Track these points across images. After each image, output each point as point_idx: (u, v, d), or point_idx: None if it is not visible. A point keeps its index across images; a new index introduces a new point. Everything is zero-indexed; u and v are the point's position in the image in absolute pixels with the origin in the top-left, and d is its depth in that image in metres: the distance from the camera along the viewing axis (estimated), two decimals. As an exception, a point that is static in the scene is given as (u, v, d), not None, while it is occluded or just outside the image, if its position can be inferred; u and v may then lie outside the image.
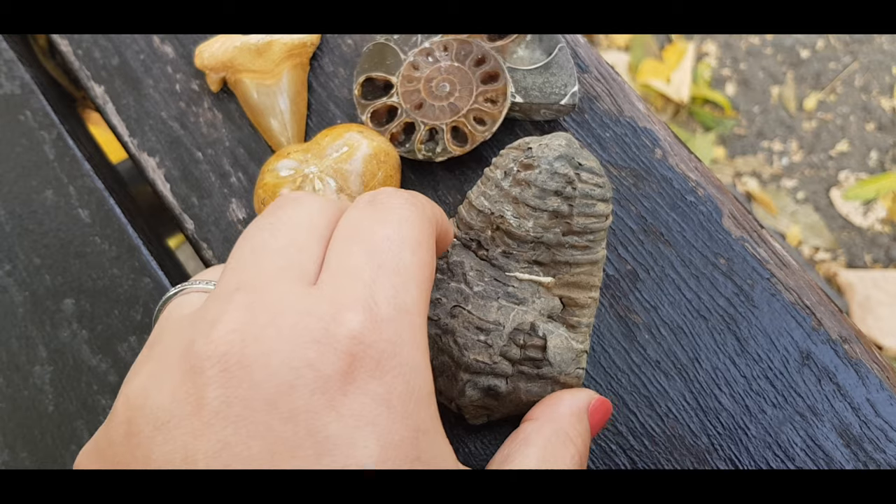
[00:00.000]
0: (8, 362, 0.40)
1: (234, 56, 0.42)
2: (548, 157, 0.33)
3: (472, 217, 0.34)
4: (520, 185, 0.33)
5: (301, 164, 0.39)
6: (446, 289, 0.34)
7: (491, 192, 0.34)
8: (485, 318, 0.33)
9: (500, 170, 0.34)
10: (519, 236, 0.33)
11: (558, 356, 0.34)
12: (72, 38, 0.45)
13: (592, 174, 0.34)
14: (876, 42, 1.35)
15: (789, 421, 0.37)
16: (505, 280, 0.34)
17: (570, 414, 0.32)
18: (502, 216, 0.33)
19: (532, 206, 0.33)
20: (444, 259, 0.34)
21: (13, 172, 0.43)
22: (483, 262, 0.34)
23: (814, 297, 0.38)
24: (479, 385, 0.34)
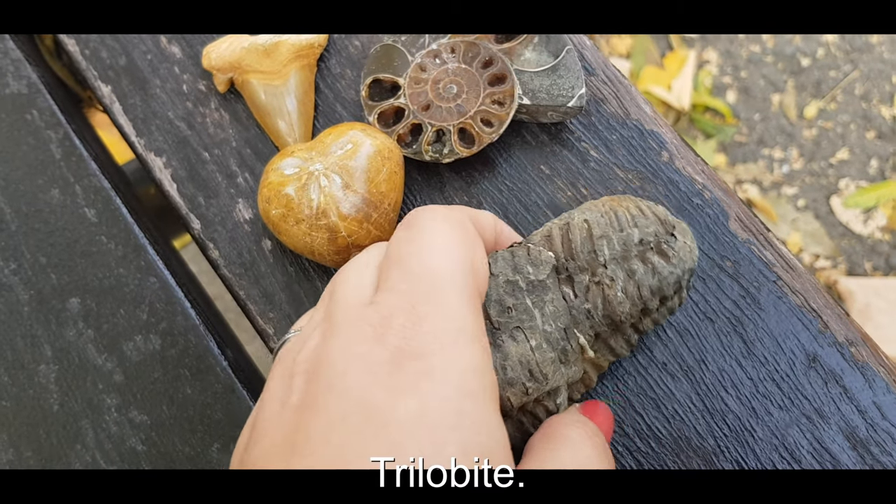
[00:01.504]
0: (13, 361, 0.40)
1: (242, 57, 0.42)
2: (685, 264, 0.32)
3: (584, 252, 0.32)
4: (646, 264, 0.32)
5: (305, 162, 0.39)
6: (521, 301, 0.31)
7: (616, 246, 0.32)
8: (541, 365, 0.31)
9: (637, 230, 0.32)
10: (614, 312, 0.31)
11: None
12: (79, 38, 0.45)
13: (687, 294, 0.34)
14: (876, 51, 1.36)
15: (796, 423, 0.37)
16: (571, 336, 0.32)
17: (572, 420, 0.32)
18: (613, 280, 0.31)
19: (642, 295, 0.31)
20: (534, 270, 0.32)
21: (20, 171, 0.43)
22: (564, 304, 0.32)
23: (820, 300, 0.38)
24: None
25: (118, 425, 0.39)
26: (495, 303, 0.31)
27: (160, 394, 0.39)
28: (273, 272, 0.41)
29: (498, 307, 0.31)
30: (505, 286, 0.31)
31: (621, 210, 0.32)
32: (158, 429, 0.39)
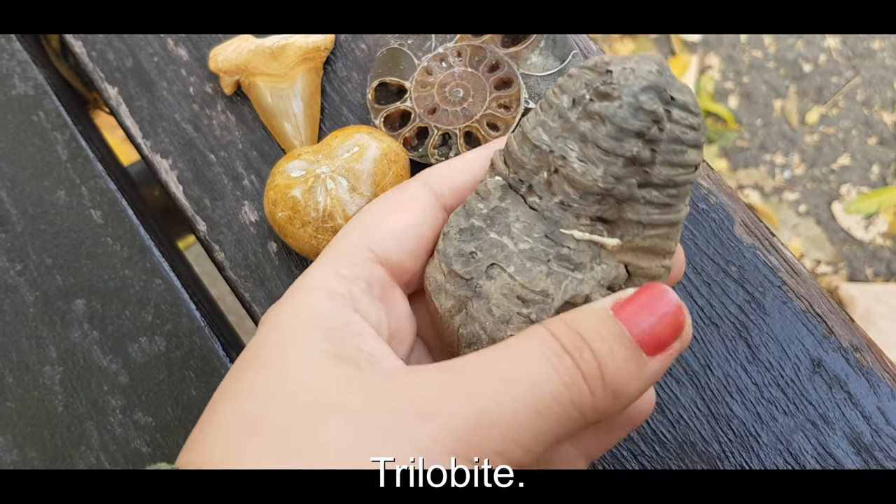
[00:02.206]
0: (18, 362, 0.40)
1: (249, 59, 0.42)
2: (632, 88, 0.26)
3: (525, 153, 0.27)
4: (591, 118, 0.26)
5: (312, 165, 0.39)
6: (484, 240, 0.27)
7: (552, 124, 0.27)
8: (530, 285, 0.26)
9: (567, 95, 0.27)
10: (583, 185, 0.26)
11: None
12: (86, 40, 0.45)
13: (687, 112, 0.26)
14: (878, 57, 1.36)
15: (800, 429, 0.37)
16: (559, 238, 0.27)
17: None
18: (564, 157, 0.26)
19: (604, 149, 0.26)
20: (484, 203, 0.28)
21: (26, 172, 0.43)
22: (533, 213, 0.27)
23: (825, 305, 0.39)
24: None
25: (123, 427, 0.39)
26: (456, 257, 0.28)
27: (165, 395, 0.40)
28: (279, 274, 0.41)
29: (461, 260, 0.28)
30: (459, 237, 0.28)
31: (548, 92, 0.28)
32: (163, 430, 0.39)
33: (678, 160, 0.26)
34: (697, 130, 0.26)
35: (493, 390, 0.22)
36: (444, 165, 0.30)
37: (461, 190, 0.29)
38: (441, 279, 0.28)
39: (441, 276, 0.28)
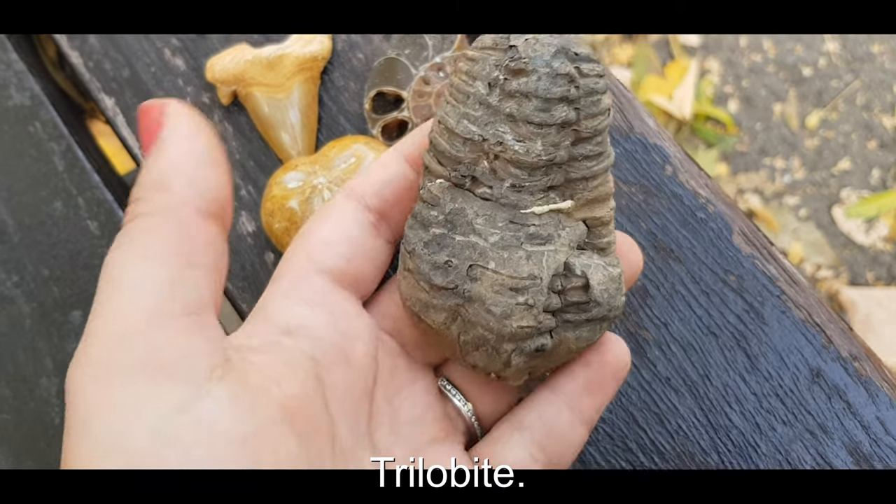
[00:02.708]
0: (15, 374, 0.40)
1: (246, 69, 0.42)
2: (543, 57, 0.26)
3: (458, 148, 0.28)
4: (513, 98, 0.27)
5: (309, 176, 0.39)
6: (453, 246, 0.28)
7: (476, 113, 0.27)
8: (517, 274, 0.27)
9: (479, 81, 0.27)
10: (529, 163, 0.27)
11: (605, 293, 0.28)
12: (82, 50, 0.45)
13: (592, 63, 0.27)
14: (878, 61, 1.36)
15: (799, 439, 0.37)
16: (522, 220, 0.27)
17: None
18: (501, 142, 0.27)
19: (537, 123, 0.26)
20: (437, 209, 0.28)
21: (22, 183, 0.43)
22: (489, 204, 0.28)
23: (824, 314, 0.38)
24: (526, 350, 0.28)
25: (120, 439, 0.39)
26: (433, 271, 0.28)
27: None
28: (276, 285, 0.41)
29: (439, 272, 0.28)
30: (427, 250, 0.28)
31: (456, 80, 0.28)
32: (160, 442, 0.39)
33: (597, 109, 0.27)
34: (604, 76, 0.28)
35: None
36: (361, 173, 0.32)
37: (379, 190, 0.30)
38: (425, 297, 0.28)
39: (424, 295, 0.28)
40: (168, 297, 0.23)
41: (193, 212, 0.24)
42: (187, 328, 0.23)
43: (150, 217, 0.24)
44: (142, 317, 0.22)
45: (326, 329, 0.28)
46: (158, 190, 0.24)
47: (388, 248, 0.32)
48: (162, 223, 0.23)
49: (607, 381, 0.30)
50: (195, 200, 0.24)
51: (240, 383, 0.23)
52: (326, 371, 0.27)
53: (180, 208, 0.24)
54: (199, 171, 0.24)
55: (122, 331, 0.22)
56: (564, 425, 0.30)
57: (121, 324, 0.22)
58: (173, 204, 0.24)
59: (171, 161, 0.24)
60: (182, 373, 0.22)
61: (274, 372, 0.25)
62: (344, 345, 0.28)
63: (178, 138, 0.24)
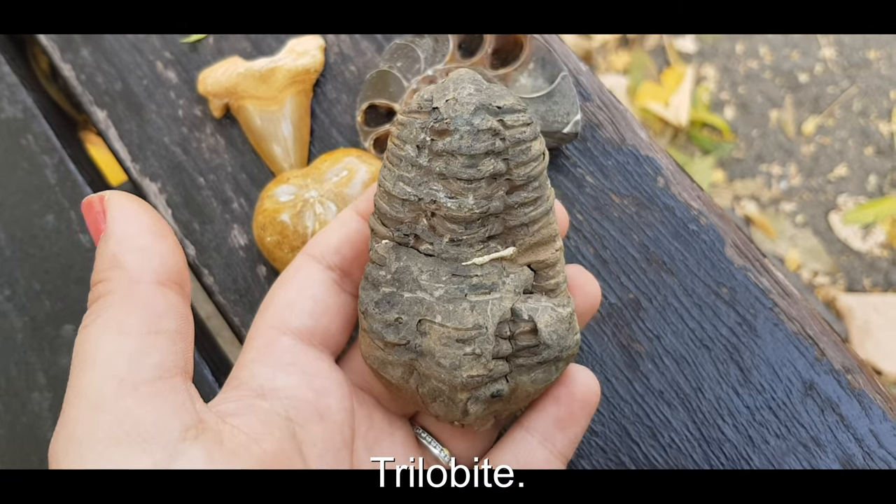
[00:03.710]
0: (6, 388, 0.40)
1: (238, 82, 0.42)
2: (462, 116, 0.27)
3: (397, 209, 0.29)
4: (441, 157, 0.28)
5: (300, 189, 0.39)
6: (403, 303, 0.29)
7: (409, 175, 0.28)
8: (462, 325, 0.28)
9: (409, 144, 0.28)
10: (463, 218, 0.28)
11: (553, 334, 0.29)
12: (75, 63, 0.45)
13: (516, 114, 0.28)
14: (874, 67, 1.36)
15: (793, 452, 0.37)
16: (465, 271, 0.28)
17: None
18: (434, 201, 0.28)
19: (466, 179, 0.27)
20: (384, 269, 0.29)
21: (14, 197, 0.43)
22: (432, 259, 0.28)
23: (816, 326, 0.38)
24: (481, 398, 0.29)
25: (111, 453, 0.39)
26: (385, 329, 0.29)
27: None
28: (268, 298, 0.41)
29: (390, 329, 0.29)
30: (378, 309, 0.29)
31: (390, 144, 0.29)
32: (152, 457, 0.39)
33: (528, 157, 0.28)
34: (531, 124, 0.28)
35: None
36: (320, 232, 0.32)
37: (338, 248, 0.32)
38: (381, 354, 0.29)
39: (379, 352, 0.29)
40: (136, 365, 0.23)
41: (150, 282, 0.25)
42: (157, 392, 0.23)
43: (111, 294, 0.25)
44: (112, 387, 0.23)
45: (300, 388, 0.29)
46: (114, 269, 0.25)
47: (353, 301, 0.32)
48: (122, 298, 0.24)
49: (577, 414, 0.31)
50: (149, 272, 0.25)
51: (214, 442, 0.24)
52: (302, 429, 0.28)
53: (137, 281, 0.25)
54: (148, 245, 0.25)
55: (94, 402, 0.23)
56: (540, 462, 0.31)
57: (92, 396, 0.23)
58: (130, 278, 0.25)
59: (120, 240, 0.25)
60: (155, 436, 0.23)
61: (252, 430, 0.26)
62: (318, 402, 0.29)
63: (123, 220, 0.26)
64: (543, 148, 0.29)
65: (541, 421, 0.31)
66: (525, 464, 0.31)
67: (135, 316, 0.24)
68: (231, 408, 0.27)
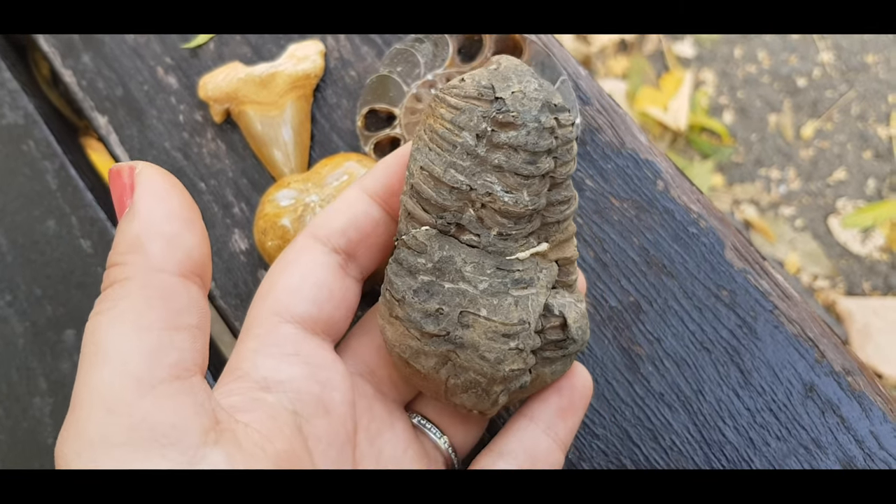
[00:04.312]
0: (7, 394, 0.40)
1: (238, 87, 0.42)
2: (531, 112, 0.27)
3: (444, 196, 0.28)
4: (501, 149, 0.27)
5: (301, 194, 0.39)
6: (443, 293, 0.28)
7: (463, 163, 0.27)
8: (508, 320, 0.28)
9: (467, 132, 0.27)
10: (517, 213, 0.28)
11: (579, 330, 0.29)
12: (76, 69, 0.46)
13: (566, 112, 0.28)
14: (872, 71, 1.36)
15: (793, 454, 0.37)
16: (508, 266, 0.28)
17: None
18: (490, 193, 0.27)
19: (525, 175, 0.27)
20: (425, 257, 0.28)
21: (16, 202, 0.43)
22: (476, 251, 0.28)
23: (816, 329, 0.38)
24: (511, 389, 0.29)
25: (113, 458, 0.39)
26: (424, 319, 0.28)
27: None
28: (269, 303, 0.41)
29: (430, 320, 0.28)
30: (417, 298, 0.28)
31: (438, 126, 0.28)
32: (153, 461, 0.39)
33: (570, 156, 0.28)
34: (574, 124, 0.29)
35: None
36: (324, 211, 0.31)
37: (344, 230, 0.30)
38: (416, 344, 0.29)
39: (415, 342, 0.29)
40: (154, 364, 0.22)
41: (172, 273, 0.24)
42: (175, 393, 0.22)
43: (130, 282, 0.23)
44: (129, 386, 0.21)
45: (305, 381, 0.28)
46: (135, 253, 0.23)
47: (357, 286, 0.31)
48: (141, 287, 0.23)
49: (577, 404, 0.32)
50: (173, 262, 0.24)
51: (233, 445, 0.23)
52: (308, 423, 0.27)
53: (159, 271, 0.23)
54: (174, 232, 0.24)
55: (109, 402, 0.21)
56: (543, 450, 0.32)
57: (107, 395, 0.21)
58: (151, 267, 0.23)
59: (146, 223, 0.24)
60: (174, 441, 0.21)
61: (263, 428, 0.25)
62: (323, 395, 0.28)
63: (152, 199, 0.24)
64: (577, 151, 0.30)
65: (544, 410, 0.32)
66: (530, 451, 0.31)
67: (155, 310, 0.23)
68: (237, 402, 0.26)
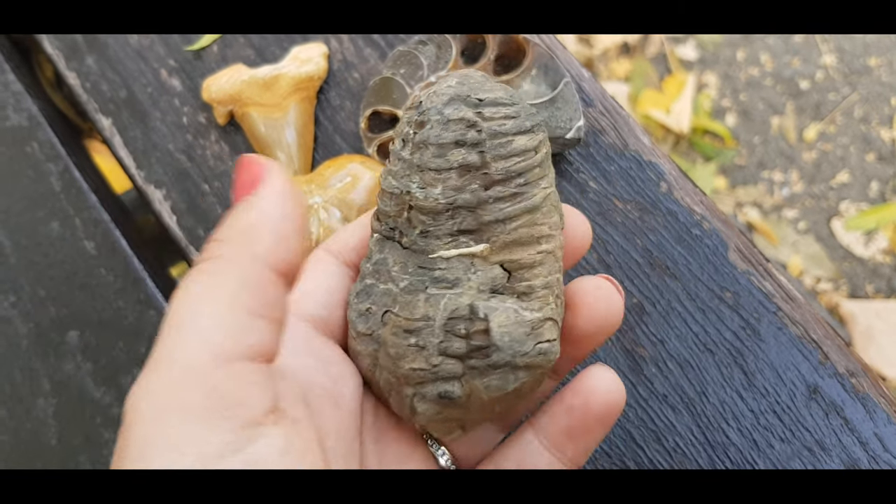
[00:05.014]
0: (11, 394, 0.40)
1: (242, 89, 0.42)
2: (437, 106, 0.27)
3: (386, 203, 0.29)
4: (419, 149, 0.28)
5: (304, 195, 0.39)
6: (376, 294, 0.29)
7: (395, 168, 0.28)
8: (411, 316, 0.27)
9: (398, 139, 0.29)
10: (429, 208, 0.27)
11: (506, 336, 0.27)
12: (80, 71, 0.46)
13: (499, 106, 0.28)
14: (875, 74, 1.36)
15: (797, 456, 0.37)
16: (430, 264, 0.28)
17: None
18: (409, 192, 0.28)
19: (435, 169, 0.27)
20: (369, 261, 0.29)
21: (20, 204, 0.43)
22: (405, 252, 0.28)
23: (820, 330, 0.38)
24: (428, 396, 0.28)
25: (116, 459, 0.39)
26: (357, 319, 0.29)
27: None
28: (272, 304, 0.41)
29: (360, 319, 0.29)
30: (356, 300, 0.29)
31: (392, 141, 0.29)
32: (157, 463, 0.39)
33: (507, 151, 0.27)
34: (517, 118, 0.27)
35: None
36: (341, 230, 0.33)
37: (356, 246, 0.32)
38: (353, 344, 0.30)
39: (353, 341, 0.30)
40: (235, 342, 0.23)
41: (272, 269, 0.25)
42: (248, 372, 0.23)
43: (231, 262, 0.24)
44: (207, 357, 0.22)
45: (316, 373, 0.29)
46: (244, 238, 0.25)
47: None
48: (241, 271, 0.24)
49: (591, 425, 0.29)
50: (275, 259, 0.25)
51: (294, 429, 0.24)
52: (319, 416, 0.28)
53: (260, 262, 0.24)
54: (285, 234, 0.25)
55: (186, 368, 0.22)
56: (544, 467, 0.30)
57: (186, 360, 0.22)
58: (256, 256, 0.24)
59: (263, 216, 0.25)
60: (238, 413, 0.22)
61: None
62: (333, 389, 0.29)
63: (274, 199, 0.25)
64: (535, 143, 0.28)
65: (550, 426, 0.30)
66: (527, 467, 0.30)
67: (248, 295, 0.24)
68: None
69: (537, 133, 0.28)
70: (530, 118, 0.28)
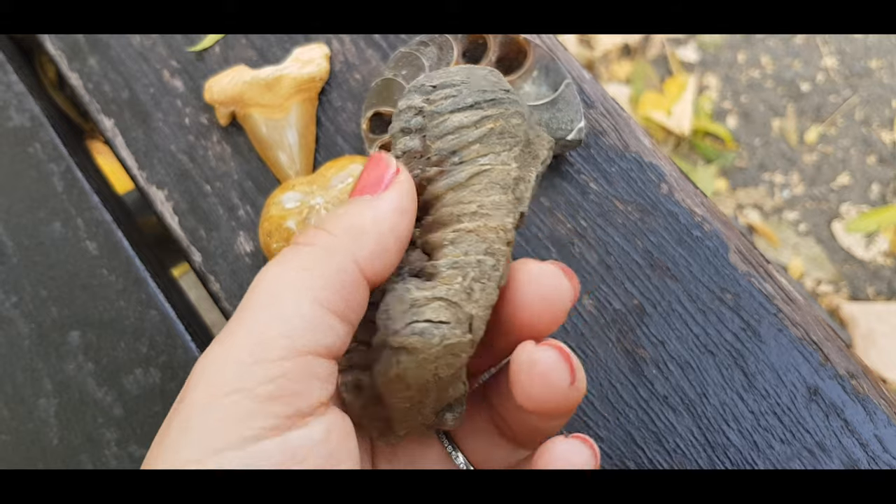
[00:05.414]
0: (13, 395, 0.40)
1: (244, 90, 0.42)
2: (400, 99, 0.28)
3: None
4: (418, 132, 0.28)
5: (306, 196, 0.39)
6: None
7: None
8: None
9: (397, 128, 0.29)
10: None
11: (383, 314, 0.25)
12: (82, 72, 0.46)
13: (446, 88, 0.27)
14: (875, 76, 1.36)
15: (797, 457, 0.37)
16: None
17: None
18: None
19: (396, 156, 0.27)
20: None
21: (21, 204, 0.43)
22: None
23: (820, 332, 0.38)
24: (348, 385, 0.27)
25: (118, 459, 0.39)
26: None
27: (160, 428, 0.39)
28: (273, 305, 0.41)
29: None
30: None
31: None
32: (158, 463, 0.39)
33: (443, 129, 0.26)
34: (457, 95, 0.27)
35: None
36: None
37: None
38: None
39: None
40: (311, 338, 0.23)
41: (363, 273, 0.25)
42: (314, 367, 0.23)
43: (330, 256, 0.24)
44: (281, 345, 0.23)
45: None
46: (349, 237, 0.25)
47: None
48: (336, 269, 0.24)
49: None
50: (370, 266, 0.25)
51: (337, 423, 0.24)
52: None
53: (357, 267, 0.24)
54: (387, 247, 0.25)
55: (257, 348, 0.23)
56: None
57: (260, 341, 0.23)
58: (355, 257, 0.24)
59: (376, 223, 0.25)
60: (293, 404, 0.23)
61: None
62: None
63: (393, 209, 0.25)
64: (475, 119, 0.26)
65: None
66: None
67: (336, 294, 0.24)
68: None
69: (484, 108, 0.26)
70: (475, 94, 0.27)
